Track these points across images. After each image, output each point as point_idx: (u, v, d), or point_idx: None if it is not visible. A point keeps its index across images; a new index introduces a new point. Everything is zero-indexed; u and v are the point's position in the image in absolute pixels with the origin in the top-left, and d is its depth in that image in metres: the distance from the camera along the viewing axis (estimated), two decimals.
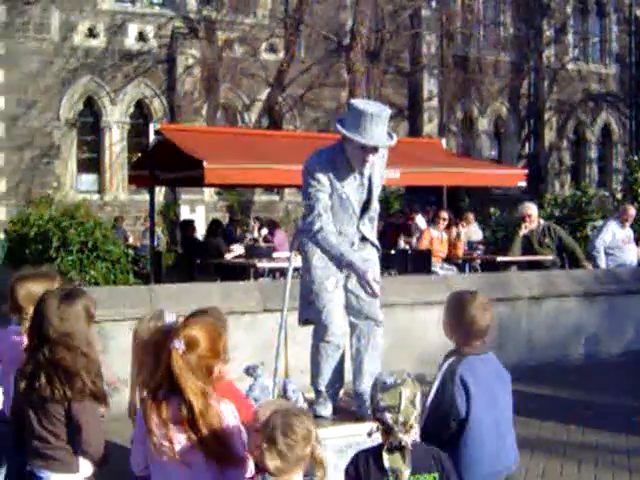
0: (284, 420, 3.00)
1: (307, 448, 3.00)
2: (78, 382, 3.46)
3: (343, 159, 4.64)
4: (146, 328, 3.84)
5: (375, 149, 4.57)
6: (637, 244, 12.40)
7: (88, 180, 25.75)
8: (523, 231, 11.36)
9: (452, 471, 3.31)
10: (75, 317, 3.58)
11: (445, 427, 3.69)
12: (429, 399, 3.72)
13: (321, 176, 4.60)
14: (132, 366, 4.04)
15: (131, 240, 20.09)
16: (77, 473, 3.58)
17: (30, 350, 3.60)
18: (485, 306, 3.89)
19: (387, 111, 4.55)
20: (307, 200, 4.64)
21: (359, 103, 4.58)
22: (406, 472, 3.16)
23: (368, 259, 4.74)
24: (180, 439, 3.22)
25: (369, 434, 3.31)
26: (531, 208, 11.49)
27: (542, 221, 11.74)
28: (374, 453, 3.23)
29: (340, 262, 4.55)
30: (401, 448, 3.17)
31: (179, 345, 3.22)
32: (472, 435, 3.69)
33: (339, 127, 4.55)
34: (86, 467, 3.61)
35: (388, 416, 3.18)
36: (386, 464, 3.16)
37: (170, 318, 3.80)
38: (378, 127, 4.47)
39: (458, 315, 3.88)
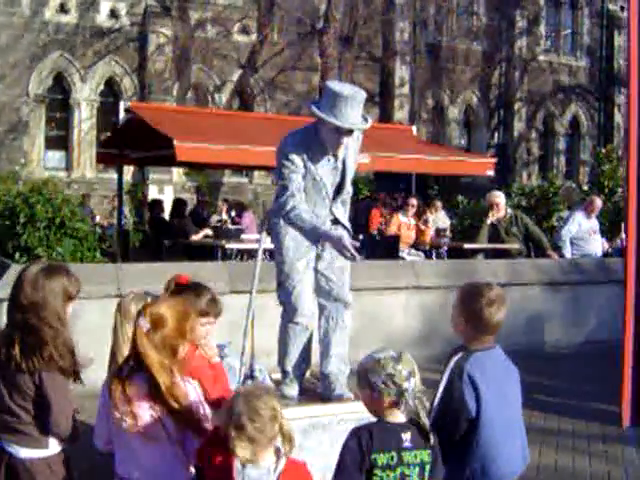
0: (249, 405, 2.99)
1: (275, 426, 3.02)
2: (46, 351, 3.45)
3: (317, 141, 4.63)
4: (128, 309, 3.86)
5: (350, 132, 4.57)
6: (602, 235, 12.56)
7: (55, 157, 25.52)
8: (490, 219, 11.41)
9: (438, 448, 3.27)
10: (49, 291, 3.55)
11: (456, 427, 3.50)
12: (437, 398, 3.53)
13: (295, 157, 4.59)
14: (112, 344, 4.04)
15: (98, 219, 19.97)
16: (47, 449, 3.58)
17: (8, 314, 3.61)
18: (501, 299, 3.67)
19: (362, 94, 4.55)
20: (280, 181, 4.63)
21: (334, 85, 4.58)
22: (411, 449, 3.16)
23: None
24: (144, 415, 3.25)
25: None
26: (499, 197, 11.55)
27: (509, 210, 11.82)
28: (379, 429, 3.16)
29: (315, 235, 4.57)
30: (417, 423, 3.16)
31: (144, 323, 3.25)
32: (485, 435, 3.51)
33: (314, 109, 4.54)
34: (55, 443, 3.61)
35: (412, 382, 3.12)
36: (406, 444, 3.13)
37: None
38: (353, 110, 4.47)
39: (472, 309, 3.63)
